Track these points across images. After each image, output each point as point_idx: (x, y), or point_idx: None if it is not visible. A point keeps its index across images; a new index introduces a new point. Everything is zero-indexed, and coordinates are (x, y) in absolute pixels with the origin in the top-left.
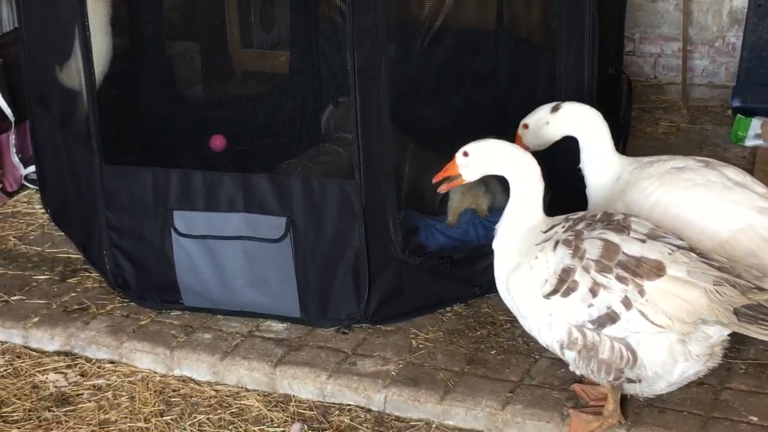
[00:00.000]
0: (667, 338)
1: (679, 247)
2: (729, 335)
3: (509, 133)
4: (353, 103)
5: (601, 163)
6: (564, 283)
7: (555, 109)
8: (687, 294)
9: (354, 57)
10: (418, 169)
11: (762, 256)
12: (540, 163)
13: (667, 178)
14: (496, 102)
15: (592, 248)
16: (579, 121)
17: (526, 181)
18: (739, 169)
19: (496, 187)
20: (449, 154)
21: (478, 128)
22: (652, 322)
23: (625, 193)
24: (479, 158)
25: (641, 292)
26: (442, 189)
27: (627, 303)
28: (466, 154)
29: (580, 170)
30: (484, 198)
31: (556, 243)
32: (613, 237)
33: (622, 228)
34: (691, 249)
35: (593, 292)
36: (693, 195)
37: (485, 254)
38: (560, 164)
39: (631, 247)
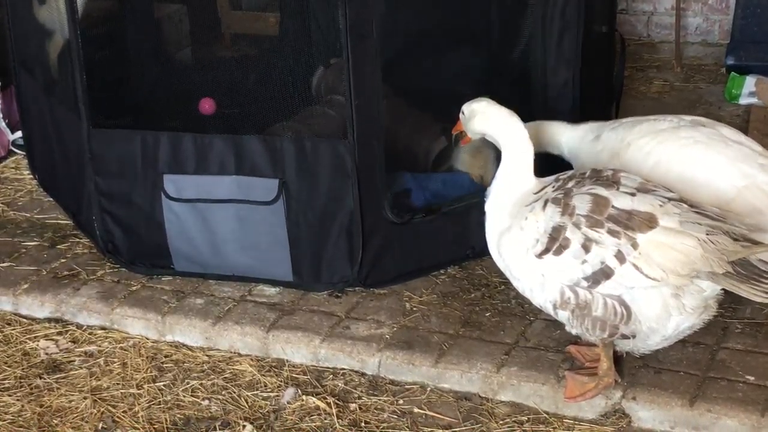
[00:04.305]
0: (660, 292)
1: (669, 199)
2: (723, 289)
3: (501, 91)
4: (346, 62)
5: (570, 140)
6: (555, 242)
7: None
8: (681, 244)
9: (346, 15)
10: (410, 128)
11: (767, 212)
12: None
13: (665, 135)
14: (488, 60)
15: (582, 204)
16: (542, 138)
17: (514, 143)
18: (733, 129)
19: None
20: (440, 113)
21: (470, 87)
22: (646, 276)
23: (620, 154)
24: (471, 118)
25: (634, 245)
26: (462, 142)
27: (620, 257)
28: (462, 113)
29: None
30: (490, 170)
31: (545, 202)
32: (602, 191)
33: (612, 183)
34: (682, 200)
35: (586, 248)
36: (695, 153)
37: (477, 215)
38: None
39: (621, 200)
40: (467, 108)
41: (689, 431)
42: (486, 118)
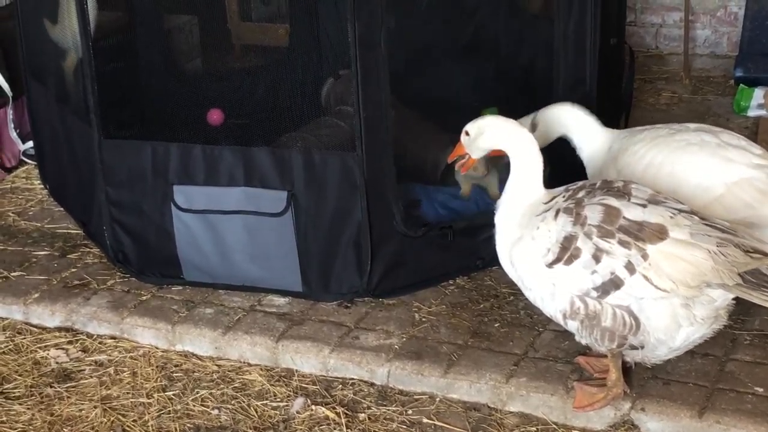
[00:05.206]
0: (670, 303)
1: (680, 211)
2: (734, 299)
3: (509, 103)
4: (354, 74)
5: (593, 143)
6: (566, 251)
7: (533, 123)
8: (691, 256)
9: (354, 27)
10: (418, 140)
11: (758, 207)
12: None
13: (659, 140)
14: (496, 72)
15: (593, 214)
16: (559, 123)
17: (525, 156)
18: (735, 134)
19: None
20: (449, 124)
21: (479, 98)
22: (656, 287)
23: (618, 160)
24: (478, 136)
25: (644, 256)
26: (460, 170)
27: (630, 268)
28: (467, 133)
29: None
30: (494, 179)
31: (557, 212)
32: (614, 202)
33: (623, 194)
34: (693, 212)
35: (596, 258)
36: (686, 153)
37: (486, 225)
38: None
39: (632, 211)
40: (472, 127)
41: None
42: (494, 132)
